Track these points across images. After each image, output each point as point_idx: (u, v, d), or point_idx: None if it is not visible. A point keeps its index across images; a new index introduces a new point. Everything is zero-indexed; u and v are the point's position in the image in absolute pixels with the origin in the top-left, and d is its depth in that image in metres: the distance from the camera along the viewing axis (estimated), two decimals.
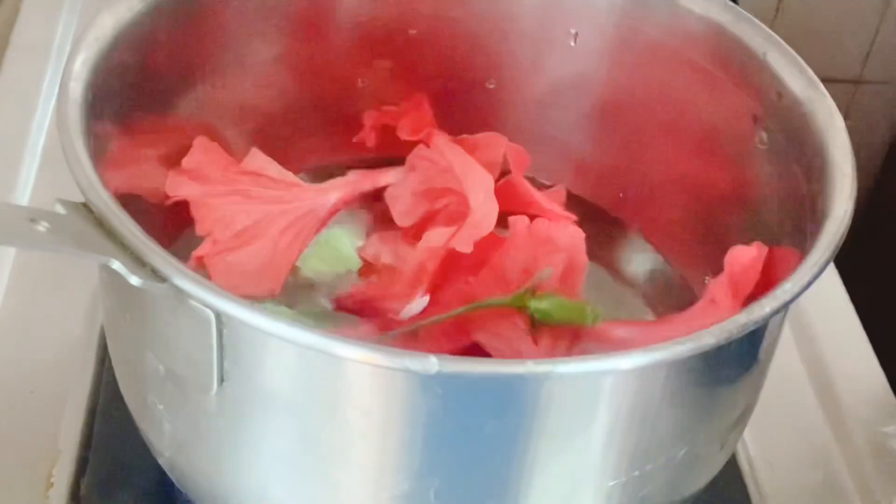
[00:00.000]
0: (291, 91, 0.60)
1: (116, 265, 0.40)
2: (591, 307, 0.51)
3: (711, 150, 0.56)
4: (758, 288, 0.49)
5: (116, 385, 0.50)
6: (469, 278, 0.52)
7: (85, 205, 0.42)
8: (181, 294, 0.40)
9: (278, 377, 0.42)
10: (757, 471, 0.60)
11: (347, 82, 0.61)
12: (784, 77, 0.52)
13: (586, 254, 0.54)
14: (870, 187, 1.18)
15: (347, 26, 0.59)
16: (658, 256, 0.61)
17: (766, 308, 0.42)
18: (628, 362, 0.40)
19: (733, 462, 0.59)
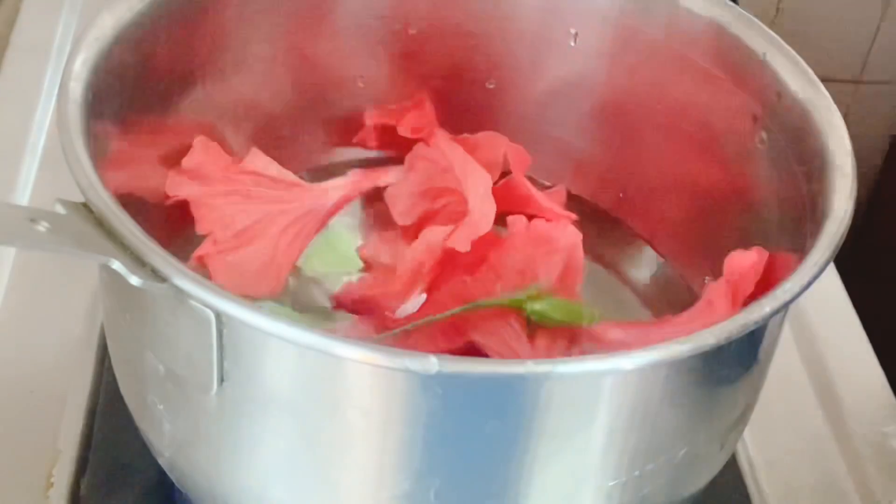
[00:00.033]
0: (291, 91, 0.60)
1: (116, 265, 0.40)
2: (588, 308, 0.51)
3: (711, 151, 0.56)
4: (757, 293, 0.49)
5: (116, 385, 0.50)
6: (466, 278, 0.52)
7: (85, 205, 0.42)
8: (181, 294, 0.40)
9: (278, 377, 0.42)
10: (757, 471, 0.60)
11: (347, 82, 0.61)
12: (784, 77, 0.52)
13: (586, 254, 0.54)
14: (870, 187, 1.18)
15: (347, 26, 0.59)
16: (658, 256, 0.61)
17: (766, 308, 0.42)
18: (629, 362, 0.40)
19: (733, 462, 0.59)
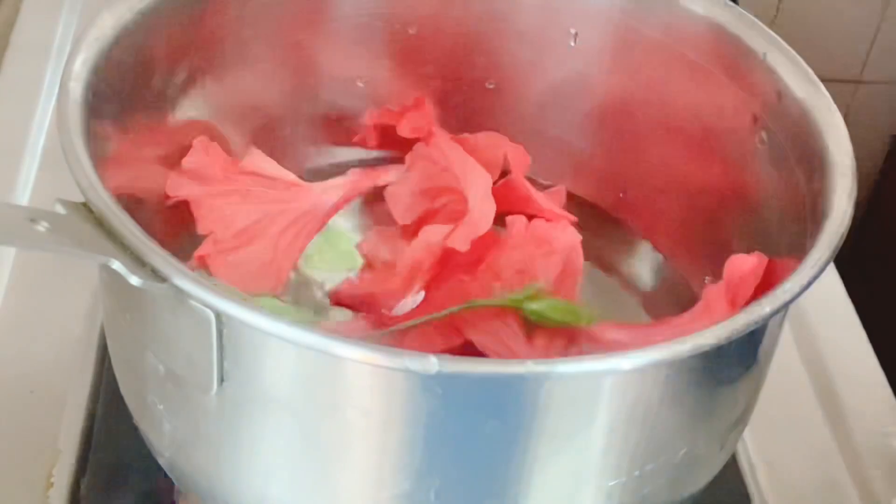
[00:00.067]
0: (291, 91, 0.60)
1: (116, 265, 0.40)
2: (586, 309, 0.51)
3: (711, 150, 0.56)
4: (756, 297, 0.49)
5: (116, 385, 0.50)
6: (464, 277, 0.52)
7: (85, 205, 0.42)
8: (181, 294, 0.40)
9: (278, 377, 0.42)
10: (757, 471, 0.60)
11: (347, 82, 0.61)
12: (784, 77, 0.52)
13: (585, 254, 0.54)
14: (870, 187, 1.18)
15: (347, 26, 0.59)
16: (658, 257, 0.61)
17: (766, 308, 0.42)
18: (628, 362, 0.40)
19: (733, 462, 0.59)
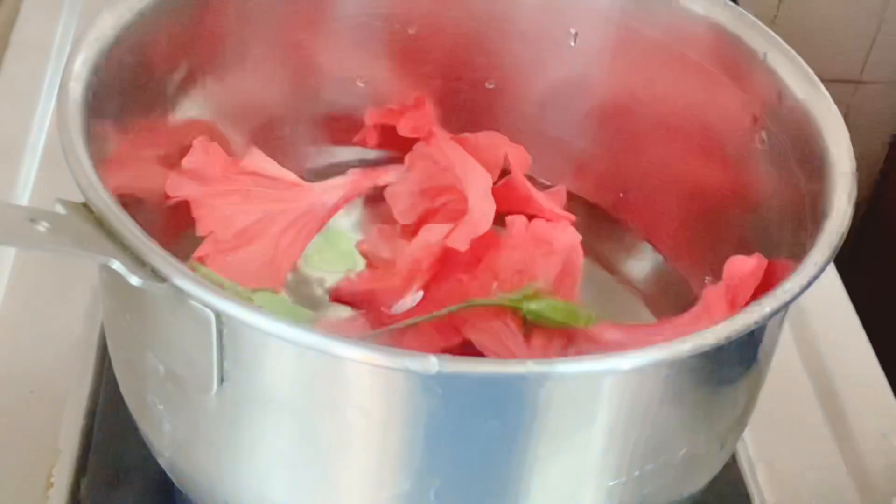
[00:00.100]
0: (291, 91, 0.60)
1: (116, 265, 0.40)
2: (585, 309, 0.51)
3: (711, 151, 0.56)
4: (756, 298, 0.49)
5: (116, 385, 0.50)
6: (463, 276, 0.52)
7: (85, 205, 0.42)
8: (181, 294, 0.40)
9: (278, 377, 0.42)
10: (757, 471, 0.60)
11: (347, 82, 0.61)
12: (784, 77, 0.52)
13: (585, 254, 0.54)
14: (870, 187, 1.18)
15: (347, 26, 0.59)
16: (658, 256, 0.61)
17: (766, 308, 0.42)
18: (628, 362, 0.40)
19: (733, 462, 0.59)
